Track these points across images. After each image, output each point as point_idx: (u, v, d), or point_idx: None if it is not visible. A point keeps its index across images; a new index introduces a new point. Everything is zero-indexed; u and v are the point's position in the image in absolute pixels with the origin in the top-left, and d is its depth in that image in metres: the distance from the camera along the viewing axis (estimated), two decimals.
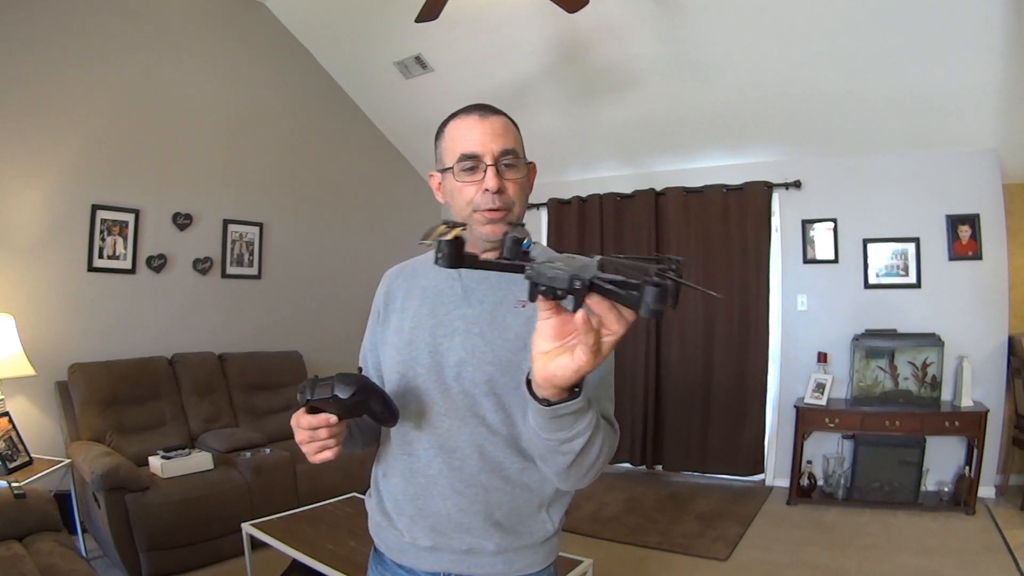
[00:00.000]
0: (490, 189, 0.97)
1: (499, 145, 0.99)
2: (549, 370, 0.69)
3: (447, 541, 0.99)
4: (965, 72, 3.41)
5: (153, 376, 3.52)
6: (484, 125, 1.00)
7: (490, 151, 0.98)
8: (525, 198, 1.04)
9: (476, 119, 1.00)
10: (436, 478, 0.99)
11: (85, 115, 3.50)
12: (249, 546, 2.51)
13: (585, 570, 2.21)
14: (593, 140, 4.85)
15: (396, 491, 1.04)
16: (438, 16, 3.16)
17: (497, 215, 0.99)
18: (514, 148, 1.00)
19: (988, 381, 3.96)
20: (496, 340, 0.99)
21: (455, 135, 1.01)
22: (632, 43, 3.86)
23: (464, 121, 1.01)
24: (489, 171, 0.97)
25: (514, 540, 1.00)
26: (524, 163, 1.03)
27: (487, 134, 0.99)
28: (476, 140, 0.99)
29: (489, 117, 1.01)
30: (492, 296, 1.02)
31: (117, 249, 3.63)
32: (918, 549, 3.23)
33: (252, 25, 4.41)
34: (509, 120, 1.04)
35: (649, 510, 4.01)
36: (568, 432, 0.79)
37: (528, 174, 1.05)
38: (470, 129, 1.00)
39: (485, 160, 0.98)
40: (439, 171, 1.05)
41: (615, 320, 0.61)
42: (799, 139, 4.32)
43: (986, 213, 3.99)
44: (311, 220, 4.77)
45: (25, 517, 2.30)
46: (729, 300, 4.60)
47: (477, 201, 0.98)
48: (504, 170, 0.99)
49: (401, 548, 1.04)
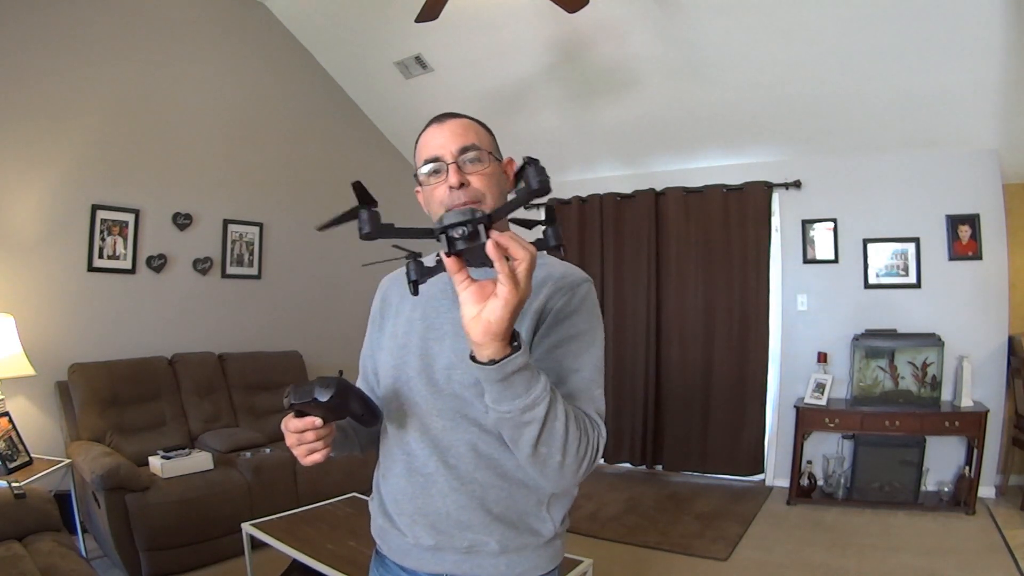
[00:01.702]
0: (452, 185, 0.99)
1: (457, 143, 1.00)
2: (483, 318, 0.75)
3: (449, 540, 1.00)
4: (965, 72, 3.40)
5: (153, 376, 3.52)
6: (443, 128, 1.03)
7: (449, 150, 1.00)
8: (498, 190, 1.03)
9: (435, 126, 1.04)
10: (433, 476, 1.00)
11: (85, 115, 3.50)
12: (249, 546, 2.52)
13: (585, 570, 2.21)
14: (593, 140, 4.85)
15: (396, 491, 1.05)
16: (438, 16, 3.16)
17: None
18: (475, 144, 1.01)
19: (988, 381, 3.96)
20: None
21: (421, 146, 1.05)
22: (632, 43, 3.86)
23: (427, 132, 1.05)
24: (450, 168, 0.99)
25: (516, 537, 0.99)
26: (494, 158, 1.04)
27: (446, 136, 1.02)
28: (436, 143, 1.02)
29: (447, 121, 1.04)
30: None
31: (117, 249, 3.63)
32: (918, 549, 3.23)
33: (252, 25, 4.41)
34: (472, 121, 1.06)
35: (649, 510, 4.01)
36: (524, 398, 0.80)
37: (502, 167, 1.06)
38: (432, 136, 1.03)
39: (445, 159, 1.00)
40: (418, 184, 1.07)
41: (519, 246, 0.72)
42: (799, 139, 4.32)
43: (986, 213, 3.99)
44: (311, 220, 4.76)
45: (25, 517, 2.29)
46: (729, 300, 4.60)
47: (446, 200, 1.00)
48: (466, 165, 1.00)
49: (404, 550, 1.05)
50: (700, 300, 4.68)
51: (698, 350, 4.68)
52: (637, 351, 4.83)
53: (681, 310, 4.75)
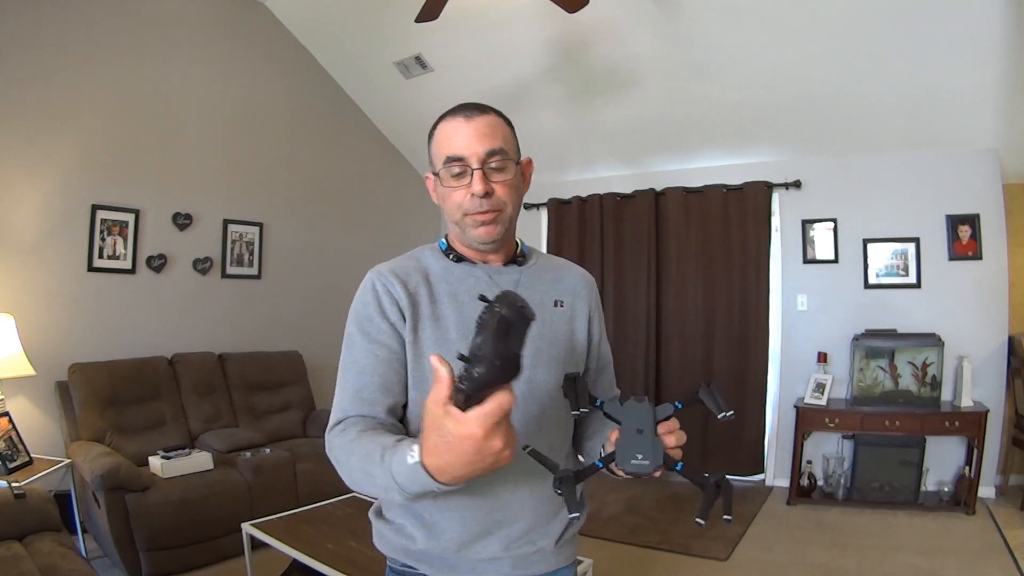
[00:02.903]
0: (476, 194, 0.96)
1: (485, 146, 0.96)
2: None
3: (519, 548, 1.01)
4: (965, 72, 3.40)
5: (153, 376, 3.52)
6: (469, 127, 0.97)
7: (475, 153, 0.96)
8: (518, 198, 1.02)
9: (462, 120, 0.98)
10: (516, 490, 0.99)
11: (85, 115, 3.50)
12: (249, 546, 2.52)
13: (585, 570, 2.21)
14: (593, 140, 4.85)
15: (460, 506, 0.99)
16: (438, 16, 3.16)
17: (487, 217, 0.98)
18: (502, 148, 0.98)
19: (988, 381, 3.96)
20: (549, 339, 1.05)
21: (442, 137, 0.99)
22: (632, 43, 3.86)
23: (450, 123, 0.99)
24: (476, 175, 0.95)
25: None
26: (515, 162, 1.01)
27: (472, 136, 0.96)
28: (461, 143, 0.96)
29: (475, 118, 0.98)
30: (536, 297, 1.05)
31: (117, 249, 3.63)
32: (918, 549, 3.22)
33: (252, 25, 4.41)
34: (499, 117, 1.01)
35: (649, 510, 4.01)
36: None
37: (522, 172, 1.04)
38: (456, 131, 0.97)
39: (471, 163, 0.96)
40: (432, 174, 1.03)
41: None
42: (799, 139, 4.32)
43: (986, 213, 3.99)
44: (311, 220, 4.77)
45: (25, 517, 2.30)
46: (729, 300, 4.60)
47: (466, 205, 0.97)
48: (491, 172, 0.97)
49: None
50: (700, 300, 4.68)
51: (698, 350, 4.67)
52: (637, 351, 4.82)
53: (681, 310, 4.75)
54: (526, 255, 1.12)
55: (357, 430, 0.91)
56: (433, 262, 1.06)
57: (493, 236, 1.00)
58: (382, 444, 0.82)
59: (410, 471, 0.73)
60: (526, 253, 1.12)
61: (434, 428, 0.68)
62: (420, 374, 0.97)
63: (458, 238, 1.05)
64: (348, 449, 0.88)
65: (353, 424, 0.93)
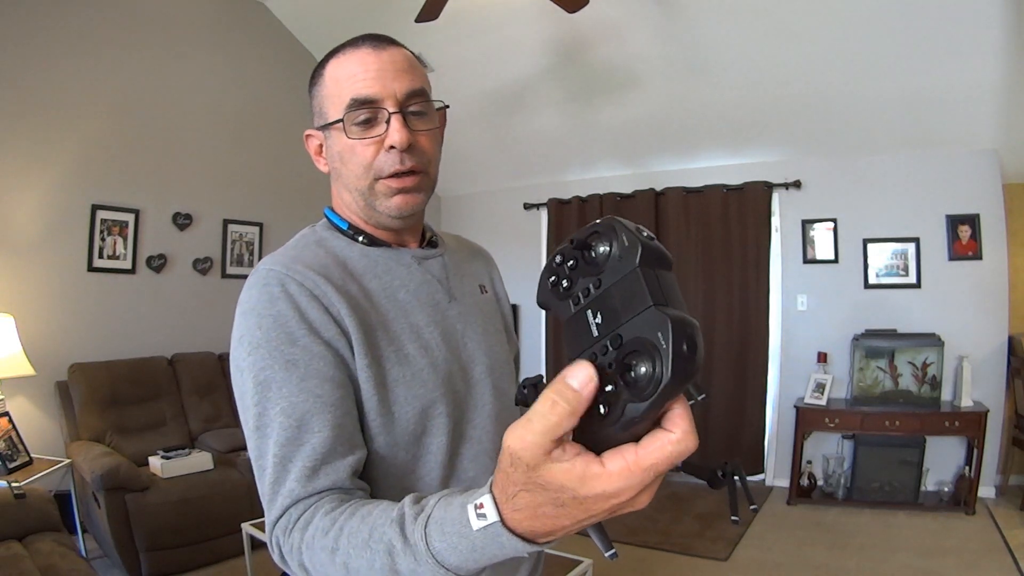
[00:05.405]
0: (397, 146, 0.73)
1: (404, 84, 0.73)
2: None
3: None
4: (965, 72, 3.40)
5: (153, 376, 3.52)
6: (382, 59, 0.74)
7: (392, 94, 0.73)
8: (438, 157, 0.80)
9: (369, 51, 0.74)
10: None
11: (85, 115, 3.50)
12: (249, 546, 2.52)
13: (585, 570, 2.21)
14: (593, 140, 4.85)
15: None
16: (438, 16, 3.17)
17: (409, 181, 0.76)
18: (423, 88, 0.76)
19: (988, 381, 3.96)
20: (490, 330, 0.88)
21: (341, 75, 0.74)
22: (632, 43, 3.86)
23: (352, 56, 0.74)
24: (394, 120, 0.73)
25: None
26: (435, 108, 0.79)
27: (387, 71, 0.73)
28: (372, 80, 0.73)
29: (388, 48, 0.75)
30: (468, 287, 0.89)
31: (117, 249, 3.63)
32: (918, 549, 3.22)
33: (252, 25, 4.41)
34: (411, 54, 0.79)
35: (649, 510, 4.00)
36: None
37: (441, 124, 0.81)
38: (362, 66, 0.73)
39: (387, 106, 0.73)
40: (319, 128, 0.80)
41: None
42: (799, 139, 4.32)
43: (986, 213, 3.99)
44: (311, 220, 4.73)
45: (25, 517, 2.30)
46: (729, 300, 4.60)
47: (380, 164, 0.75)
48: (413, 119, 0.75)
49: None
50: (700, 300, 4.67)
51: None
52: None
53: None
54: (436, 236, 0.90)
55: (327, 514, 0.62)
56: (346, 250, 0.81)
57: (413, 207, 0.78)
58: (390, 517, 0.55)
59: (478, 541, 0.47)
60: (435, 233, 0.91)
61: (539, 480, 0.42)
62: (388, 412, 0.72)
63: (361, 213, 0.82)
64: (329, 546, 0.59)
65: (315, 508, 0.65)
